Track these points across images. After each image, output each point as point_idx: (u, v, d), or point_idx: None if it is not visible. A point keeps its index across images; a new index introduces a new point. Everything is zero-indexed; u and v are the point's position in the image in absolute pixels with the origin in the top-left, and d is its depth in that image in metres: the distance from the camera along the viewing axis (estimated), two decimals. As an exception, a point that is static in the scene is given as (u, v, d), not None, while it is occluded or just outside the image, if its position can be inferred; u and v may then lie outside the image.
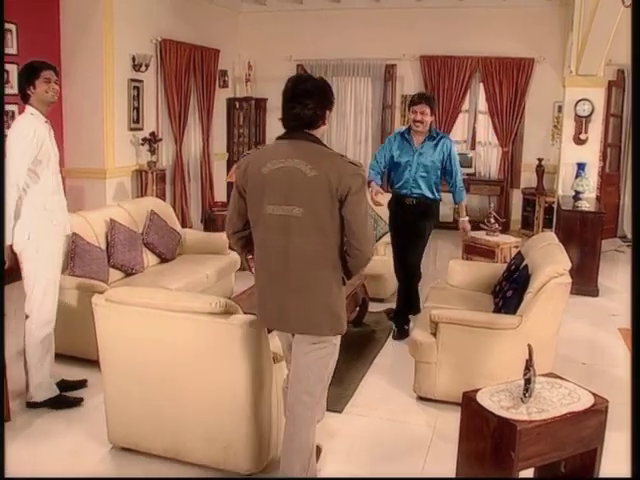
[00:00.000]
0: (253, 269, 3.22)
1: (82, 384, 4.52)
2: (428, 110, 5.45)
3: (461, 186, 5.73)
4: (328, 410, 3.79)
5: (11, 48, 7.08)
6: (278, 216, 2.95)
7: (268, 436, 3.53)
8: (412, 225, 5.56)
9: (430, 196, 5.57)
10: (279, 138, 3.08)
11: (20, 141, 3.92)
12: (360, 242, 2.96)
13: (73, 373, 4.64)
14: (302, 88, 3.00)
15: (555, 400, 3.01)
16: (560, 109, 9.27)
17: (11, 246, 4.01)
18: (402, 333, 5.61)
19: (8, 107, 6.72)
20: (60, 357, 4.73)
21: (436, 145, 5.56)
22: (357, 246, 2.96)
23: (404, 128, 5.83)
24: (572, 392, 3.10)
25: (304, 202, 2.91)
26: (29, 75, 4.06)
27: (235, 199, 3.15)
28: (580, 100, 7.83)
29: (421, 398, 4.46)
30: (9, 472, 3.47)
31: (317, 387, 3.19)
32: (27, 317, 4.15)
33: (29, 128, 3.95)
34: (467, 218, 5.91)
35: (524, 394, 2.97)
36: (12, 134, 3.98)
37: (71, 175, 8.00)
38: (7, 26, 6.99)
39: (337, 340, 3.17)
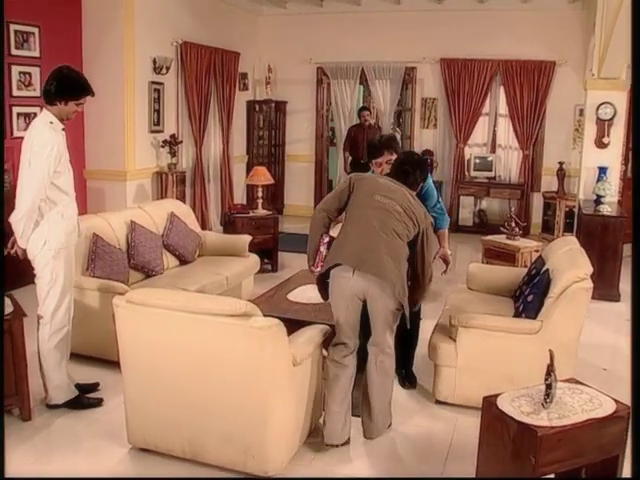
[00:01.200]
0: (323, 247, 3.97)
1: (94, 387, 4.53)
2: (393, 154, 4.41)
3: (442, 214, 4.88)
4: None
5: (34, 51, 7.15)
6: (384, 202, 3.79)
7: (287, 439, 3.54)
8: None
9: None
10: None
11: (43, 155, 3.88)
12: (423, 272, 3.92)
13: (92, 373, 4.66)
14: (416, 159, 4.16)
15: (576, 406, 2.99)
16: (581, 112, 9.18)
17: (24, 250, 4.07)
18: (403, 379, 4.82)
19: (30, 109, 6.79)
20: (80, 357, 4.78)
21: None
22: (420, 273, 3.91)
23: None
24: (593, 398, 3.07)
25: (404, 206, 3.79)
26: (69, 92, 3.98)
27: (341, 189, 3.97)
28: (602, 103, 7.76)
29: (440, 402, 4.44)
30: (12, 472, 3.52)
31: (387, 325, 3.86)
32: (40, 318, 4.17)
33: (51, 143, 3.90)
34: (449, 252, 4.93)
35: (545, 399, 2.95)
36: (34, 144, 3.92)
37: (92, 177, 8.08)
38: (30, 29, 7.08)
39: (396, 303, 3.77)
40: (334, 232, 4.00)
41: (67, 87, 3.98)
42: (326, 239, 3.98)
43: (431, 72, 10.75)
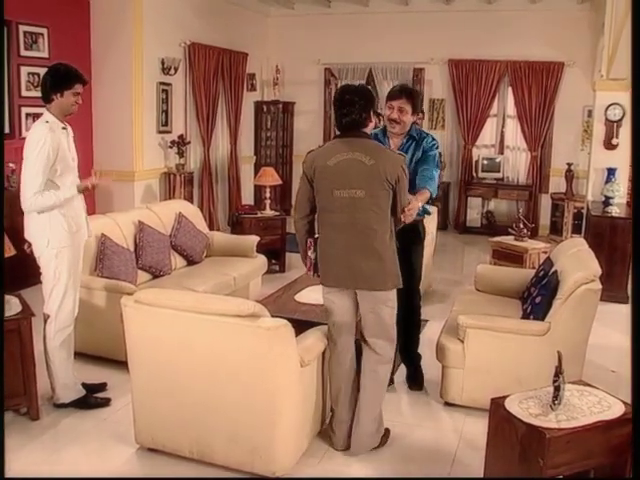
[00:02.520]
0: (310, 251, 3.80)
1: (102, 387, 4.54)
2: (409, 107, 4.36)
3: (430, 178, 4.35)
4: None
5: (43, 52, 7.19)
6: (344, 198, 3.56)
7: (295, 439, 3.54)
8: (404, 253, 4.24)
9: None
10: (336, 137, 3.74)
11: (35, 150, 3.90)
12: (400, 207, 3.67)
13: (100, 373, 4.68)
14: (348, 98, 3.57)
15: (585, 408, 2.98)
16: (590, 113, 9.16)
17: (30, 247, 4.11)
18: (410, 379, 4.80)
19: (39, 110, 6.76)
20: (88, 357, 4.79)
21: (417, 146, 4.48)
22: (399, 215, 3.69)
23: (379, 128, 4.71)
24: (602, 400, 3.06)
25: (365, 186, 3.52)
26: (61, 82, 4.00)
27: (304, 188, 3.75)
28: (611, 104, 7.73)
29: (448, 404, 4.43)
30: (19, 471, 3.53)
31: (391, 329, 3.80)
32: (47, 317, 4.18)
33: (39, 138, 3.92)
34: (420, 204, 4.08)
35: (553, 401, 2.94)
36: (28, 141, 3.96)
37: (100, 177, 8.07)
38: (39, 30, 7.12)
39: (393, 294, 3.74)
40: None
41: (59, 78, 4.02)
42: (311, 243, 3.80)
43: (439, 73, 10.74)
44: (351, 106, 3.55)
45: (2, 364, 3.62)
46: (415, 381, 4.74)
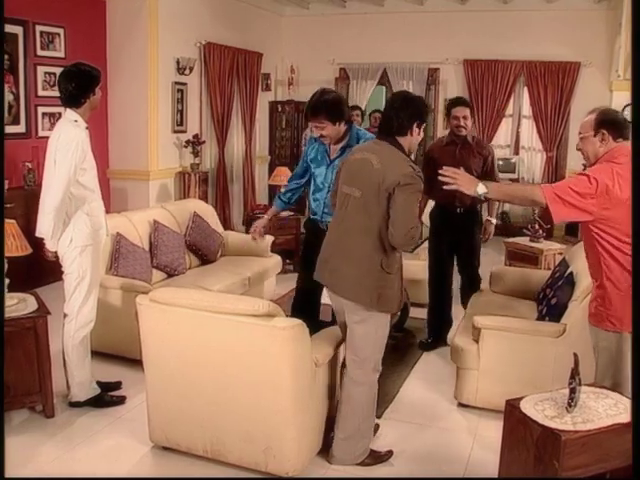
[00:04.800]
0: None
1: (117, 385, 4.56)
2: (326, 122, 4.25)
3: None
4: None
5: (59, 52, 7.23)
6: (344, 194, 3.56)
7: (309, 439, 3.54)
8: None
9: None
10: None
11: (68, 153, 3.92)
12: (393, 226, 3.37)
13: (115, 372, 4.70)
14: (398, 104, 3.54)
15: (601, 410, 2.95)
16: (607, 114, 9.10)
17: (55, 253, 4.11)
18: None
19: (55, 109, 6.84)
20: (102, 356, 4.81)
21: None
22: (391, 229, 3.38)
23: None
24: (618, 402, 3.03)
25: (363, 187, 3.45)
26: (93, 81, 4.04)
27: (336, 177, 3.81)
28: (628, 105, 7.67)
29: (462, 405, 4.42)
30: (35, 469, 3.55)
31: (363, 351, 3.59)
32: (65, 316, 4.21)
33: (76, 140, 3.94)
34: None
35: (569, 403, 2.91)
36: (59, 143, 3.96)
37: (115, 176, 8.13)
38: (55, 30, 7.16)
39: (380, 317, 3.53)
40: None
41: (86, 80, 4.03)
42: None
43: (454, 73, 10.69)
44: (399, 111, 3.49)
45: (2, 364, 3.64)
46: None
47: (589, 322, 3.45)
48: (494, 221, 5.52)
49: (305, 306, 4.57)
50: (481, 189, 3.28)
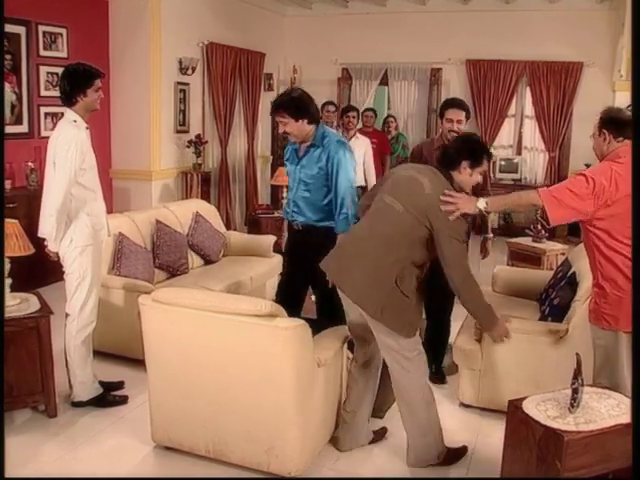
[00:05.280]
0: None
1: (119, 385, 4.56)
2: (288, 118, 4.26)
3: (344, 211, 4.26)
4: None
5: (62, 52, 7.23)
6: (385, 203, 3.53)
7: (311, 439, 3.54)
8: (305, 258, 4.31)
9: (322, 224, 4.41)
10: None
11: (67, 154, 3.91)
12: (447, 265, 3.41)
13: (117, 371, 4.70)
14: (462, 140, 3.65)
15: (603, 411, 2.95)
16: (609, 114, 9.09)
17: (57, 253, 4.12)
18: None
19: (57, 109, 6.82)
20: (105, 355, 4.81)
21: (321, 153, 4.31)
22: (445, 269, 3.42)
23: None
24: (621, 403, 3.03)
25: (407, 205, 3.43)
26: (82, 82, 4.01)
27: (378, 185, 3.85)
28: (631, 105, 7.66)
29: (465, 405, 4.41)
30: (37, 469, 3.55)
31: (394, 362, 3.57)
32: (67, 316, 4.21)
33: (74, 141, 3.94)
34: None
35: (571, 404, 2.91)
36: (58, 143, 3.97)
37: (117, 176, 8.14)
38: (58, 30, 7.17)
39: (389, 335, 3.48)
40: None
41: (79, 79, 4.03)
42: None
43: (456, 73, 10.69)
44: (452, 145, 3.65)
45: (2, 364, 3.64)
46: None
47: (589, 319, 3.47)
48: (491, 236, 5.17)
49: (286, 300, 4.38)
50: (481, 204, 3.38)
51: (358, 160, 7.35)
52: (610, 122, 3.36)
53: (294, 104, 4.25)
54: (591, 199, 3.15)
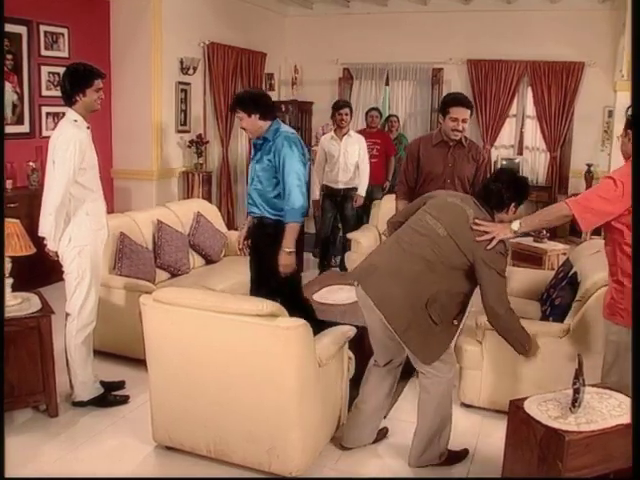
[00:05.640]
0: None
1: (120, 385, 4.56)
2: (242, 114, 4.41)
3: (291, 203, 4.33)
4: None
5: (63, 52, 7.24)
6: (428, 223, 3.50)
7: (312, 439, 3.54)
8: (260, 254, 4.60)
9: (272, 216, 4.49)
10: (473, 195, 3.76)
11: (66, 153, 3.92)
12: (487, 297, 3.47)
13: (118, 371, 4.70)
14: (506, 177, 3.61)
15: (605, 411, 2.95)
16: (611, 114, 9.09)
17: (56, 252, 4.12)
18: None
19: (59, 109, 6.83)
20: (106, 355, 4.82)
21: (271, 146, 4.42)
22: (484, 300, 3.48)
23: None
24: (622, 403, 3.03)
25: (451, 231, 3.43)
26: (81, 81, 4.01)
27: (414, 206, 3.78)
28: (631, 105, 7.66)
29: (465, 405, 4.41)
30: (37, 469, 3.55)
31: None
32: (68, 315, 4.21)
33: (74, 140, 3.93)
34: (287, 249, 4.36)
35: (573, 404, 2.91)
36: (58, 143, 3.97)
37: (119, 176, 8.14)
38: (59, 30, 7.18)
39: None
40: None
41: (79, 78, 4.03)
42: None
43: (458, 73, 10.67)
44: (499, 185, 3.54)
45: (2, 363, 3.64)
46: None
47: (603, 315, 3.47)
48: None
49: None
50: (515, 226, 3.41)
51: (350, 160, 7.51)
52: (632, 123, 3.38)
53: (247, 100, 4.43)
54: (621, 201, 3.18)
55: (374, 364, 3.81)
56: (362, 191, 7.57)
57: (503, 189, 3.53)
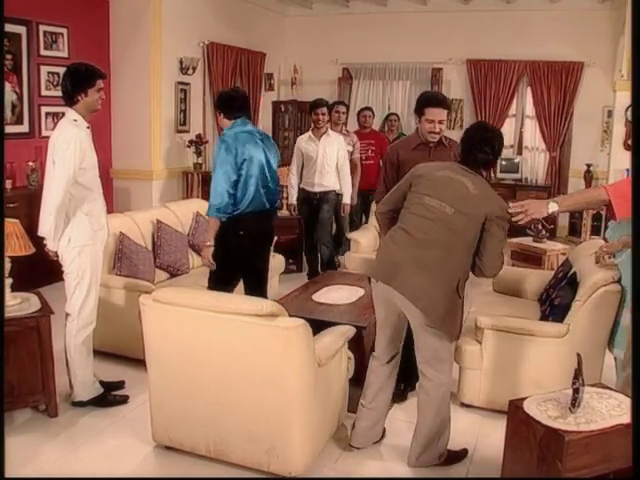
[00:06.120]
0: None
1: (120, 385, 4.56)
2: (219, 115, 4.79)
3: (210, 197, 4.64)
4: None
5: (63, 51, 7.24)
6: (432, 206, 3.48)
7: (312, 439, 3.53)
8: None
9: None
10: (458, 162, 3.66)
11: (67, 153, 3.91)
12: (485, 256, 3.49)
13: (118, 371, 4.70)
14: (487, 136, 3.59)
15: (604, 411, 2.96)
16: (610, 114, 9.10)
17: (56, 252, 4.11)
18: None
19: (58, 109, 6.83)
20: (105, 355, 4.81)
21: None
22: (483, 259, 3.50)
23: None
24: (622, 403, 3.03)
25: (457, 206, 3.43)
26: (83, 81, 4.01)
27: (401, 187, 3.73)
28: (631, 105, 7.66)
29: (465, 405, 4.41)
30: (37, 469, 3.55)
31: (434, 358, 3.56)
32: (67, 315, 4.21)
33: (74, 140, 3.93)
34: (209, 243, 4.66)
35: (572, 404, 2.92)
36: (58, 142, 3.97)
37: (118, 176, 8.14)
38: (59, 30, 7.18)
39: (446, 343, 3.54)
40: None
41: (81, 78, 4.03)
42: None
43: (457, 73, 10.69)
44: (486, 145, 3.54)
45: (2, 363, 3.64)
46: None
47: None
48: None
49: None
50: (552, 207, 3.39)
51: (329, 161, 6.97)
52: None
53: (216, 100, 4.95)
54: None
55: (378, 363, 3.80)
56: (347, 198, 7.16)
57: (488, 153, 3.55)
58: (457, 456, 3.80)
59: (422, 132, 4.44)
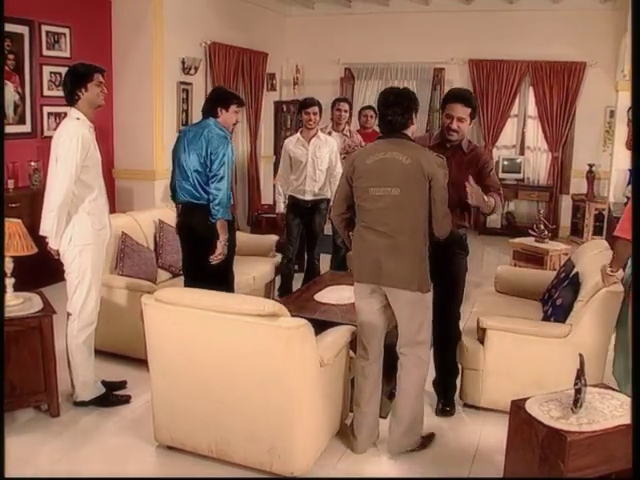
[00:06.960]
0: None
1: (122, 385, 4.56)
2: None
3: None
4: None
5: (65, 51, 7.24)
6: (379, 196, 3.58)
7: (314, 439, 3.54)
8: None
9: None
10: (379, 138, 3.75)
11: (69, 150, 3.92)
12: (438, 216, 3.60)
13: (120, 371, 4.70)
14: (392, 99, 3.63)
15: (606, 411, 2.95)
16: (612, 114, 9.09)
17: (57, 251, 4.11)
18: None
19: (60, 109, 6.84)
20: (107, 355, 4.82)
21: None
22: (436, 220, 3.61)
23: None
24: (624, 404, 3.03)
25: (401, 184, 3.53)
26: (81, 77, 4.04)
27: (342, 187, 3.83)
28: (631, 106, 7.65)
29: (467, 405, 4.41)
30: (40, 469, 3.55)
31: (422, 333, 3.72)
32: (69, 315, 4.21)
33: (76, 136, 3.94)
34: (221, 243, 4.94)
35: (574, 404, 2.91)
36: (60, 139, 3.98)
37: (120, 176, 8.14)
38: (61, 30, 7.17)
39: (426, 297, 3.68)
40: None
41: (79, 75, 4.06)
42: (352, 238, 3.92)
43: (459, 73, 10.68)
44: (394, 107, 3.60)
45: (2, 363, 3.64)
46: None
47: None
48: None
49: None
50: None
51: (320, 166, 6.41)
52: None
53: (216, 97, 5.17)
54: None
55: (368, 363, 3.80)
56: None
57: (398, 114, 3.60)
58: (429, 438, 3.96)
59: (443, 130, 4.22)
